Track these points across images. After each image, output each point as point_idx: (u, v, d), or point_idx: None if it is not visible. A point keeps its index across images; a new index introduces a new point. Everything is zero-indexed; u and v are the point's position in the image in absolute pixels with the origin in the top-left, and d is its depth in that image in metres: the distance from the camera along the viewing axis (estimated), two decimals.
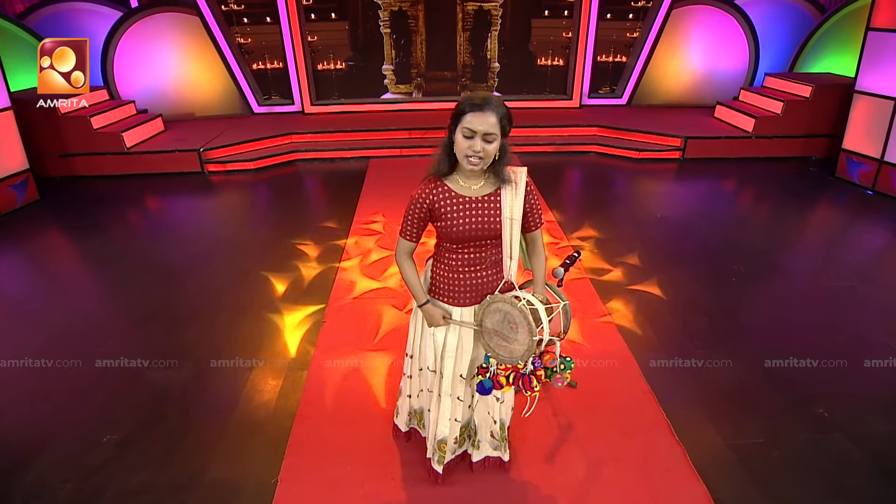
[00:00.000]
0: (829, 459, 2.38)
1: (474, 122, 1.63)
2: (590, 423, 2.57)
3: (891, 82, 5.18)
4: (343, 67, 7.42)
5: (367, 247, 4.30)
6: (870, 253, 4.43)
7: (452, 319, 1.94)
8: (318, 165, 6.39)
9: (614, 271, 3.93)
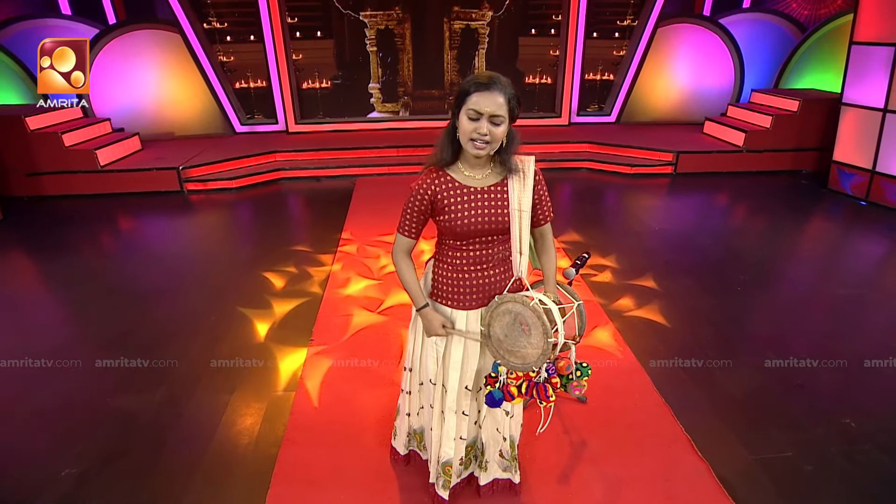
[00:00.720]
0: (865, 474, 2.19)
1: (480, 102, 1.47)
2: (604, 440, 2.35)
3: (876, 94, 5.23)
4: (328, 86, 7.33)
5: (354, 266, 4.08)
6: (870, 262, 4.36)
7: (454, 329, 1.74)
8: (303, 184, 6.20)
9: (617, 283, 3.77)
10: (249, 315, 3.38)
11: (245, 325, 3.28)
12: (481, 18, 7.18)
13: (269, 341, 3.11)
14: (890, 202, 5.23)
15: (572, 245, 4.39)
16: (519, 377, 1.73)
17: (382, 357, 2.94)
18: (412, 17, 7.05)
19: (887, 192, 5.24)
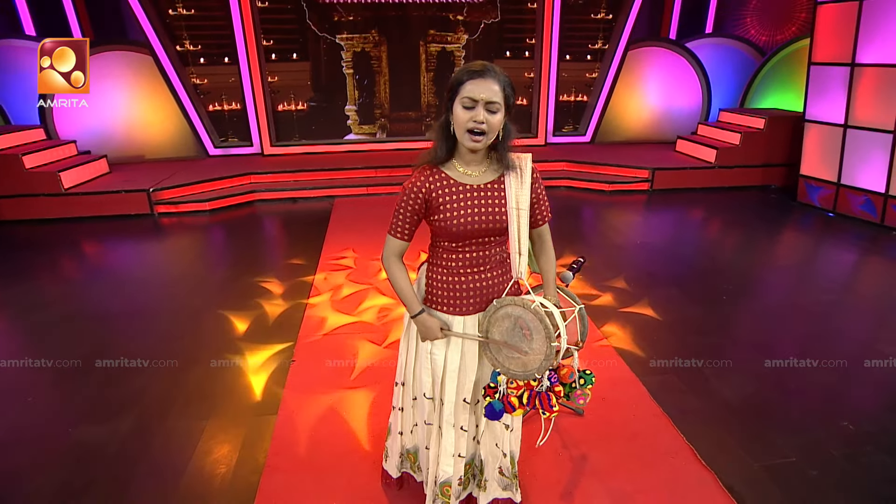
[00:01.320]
0: (869, 476, 2.15)
1: (475, 89, 1.41)
2: (605, 454, 2.25)
3: (836, 111, 5.45)
4: (304, 108, 7.27)
5: (337, 282, 3.95)
6: (843, 269, 4.47)
7: (452, 331, 1.65)
8: (280, 206, 6.06)
9: (604, 295, 3.74)
10: (226, 338, 3.20)
11: (220, 348, 3.09)
12: (457, 41, 7.29)
13: (248, 364, 2.93)
14: (855, 213, 5.40)
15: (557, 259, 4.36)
16: (520, 387, 1.63)
17: (371, 378, 2.80)
18: (388, 41, 7.10)
19: (853, 204, 5.42)
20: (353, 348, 3.07)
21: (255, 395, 2.67)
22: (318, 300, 3.67)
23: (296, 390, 2.68)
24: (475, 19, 7.18)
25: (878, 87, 5.06)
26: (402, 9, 6.94)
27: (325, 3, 6.74)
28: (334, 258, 4.38)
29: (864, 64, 5.15)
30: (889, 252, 4.66)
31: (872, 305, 3.74)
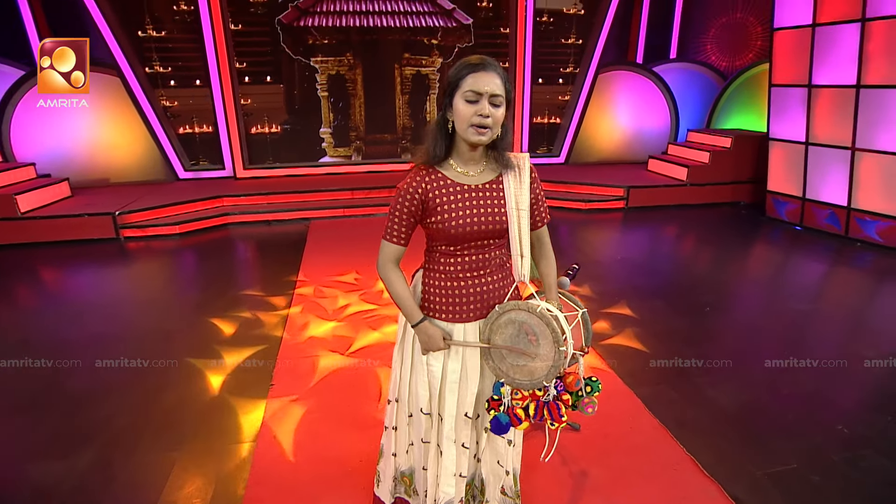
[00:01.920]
0: (872, 481, 2.13)
1: (478, 82, 1.36)
2: (606, 469, 2.17)
3: (798, 129, 5.69)
4: (278, 131, 7.17)
5: (318, 302, 3.81)
6: (813, 279, 4.59)
7: (455, 341, 1.56)
8: (254, 229, 5.88)
9: (592, 310, 3.69)
10: (198, 364, 3.01)
11: (193, 374, 2.90)
12: (431, 65, 7.37)
13: (223, 390, 2.75)
14: (821, 226, 5.58)
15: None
16: (525, 397, 1.55)
17: (357, 399, 2.66)
18: (363, 63, 7.12)
19: (818, 217, 5.61)
20: (336, 372, 2.93)
21: (231, 421, 2.49)
22: (296, 315, 3.52)
23: (276, 414, 2.52)
24: (449, 43, 7.29)
25: (833, 106, 5.31)
26: (377, 32, 6.99)
27: (300, 26, 6.74)
28: (309, 282, 4.24)
29: (819, 85, 5.40)
30: (854, 262, 4.82)
31: (845, 312, 3.85)
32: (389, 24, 6.98)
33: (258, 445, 2.29)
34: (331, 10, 6.77)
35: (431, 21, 7.14)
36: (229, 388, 2.76)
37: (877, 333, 3.49)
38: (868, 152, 5.10)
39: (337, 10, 6.77)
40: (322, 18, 6.76)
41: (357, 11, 6.84)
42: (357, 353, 3.09)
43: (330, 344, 3.20)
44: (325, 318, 3.54)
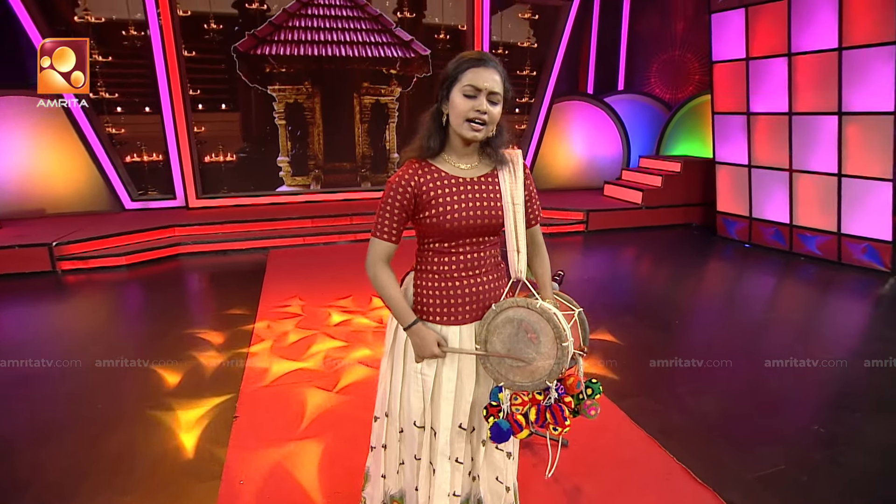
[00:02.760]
0: (855, 477, 2.16)
1: (477, 78, 1.33)
2: (599, 483, 2.10)
3: (740, 153, 6.06)
4: (233, 159, 6.95)
5: (280, 330, 3.60)
6: (765, 292, 4.80)
7: (449, 347, 1.47)
8: (208, 259, 5.59)
9: None
10: (153, 397, 2.74)
11: (147, 408, 2.64)
12: (390, 94, 7.42)
13: (181, 423, 2.51)
14: (768, 242, 5.90)
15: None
16: (525, 402, 1.47)
17: (324, 427, 2.48)
18: (322, 92, 7.08)
19: (765, 235, 5.92)
20: (301, 397, 2.74)
21: (192, 458, 2.26)
22: (259, 349, 3.30)
23: (241, 449, 2.31)
24: (408, 73, 7.39)
25: (770, 131, 5.71)
26: (335, 62, 7.00)
27: (257, 55, 6.66)
28: (276, 307, 4.02)
29: (756, 112, 5.81)
30: (799, 275, 5.09)
31: (796, 320, 4.06)
32: (348, 53, 7.01)
33: (222, 483, 2.07)
34: (289, 39, 6.74)
35: (390, 52, 7.23)
36: (189, 420, 2.52)
37: (826, 338, 3.69)
38: (803, 173, 5.48)
39: (295, 39, 6.75)
40: (280, 47, 6.71)
41: (315, 41, 6.84)
42: (345, 391, 2.92)
43: (301, 379, 3.01)
44: (291, 345, 3.35)
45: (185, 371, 3.02)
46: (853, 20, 4.88)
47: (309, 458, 2.24)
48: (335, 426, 2.48)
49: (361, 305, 4.06)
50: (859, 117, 4.98)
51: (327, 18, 6.85)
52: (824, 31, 5.07)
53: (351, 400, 2.72)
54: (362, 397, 2.72)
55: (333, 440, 2.37)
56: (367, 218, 6.61)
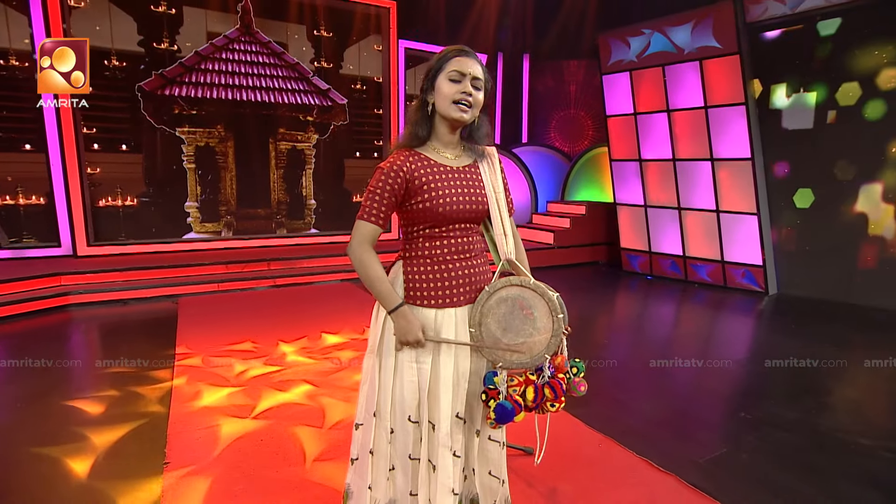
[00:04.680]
0: (784, 452, 2.41)
1: (462, 64, 1.43)
2: (572, 483, 2.12)
3: (637, 195, 6.79)
4: (134, 204, 6.39)
5: (205, 375, 3.27)
6: (669, 316, 5.30)
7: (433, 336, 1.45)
8: (105, 309, 4.97)
9: None
10: (51, 453, 2.32)
11: (47, 466, 2.22)
12: (307, 140, 7.39)
13: (95, 479, 2.14)
14: (667, 273, 6.56)
15: None
16: (520, 383, 1.49)
17: (274, 462, 2.26)
18: (236, 136, 6.87)
19: (663, 266, 6.59)
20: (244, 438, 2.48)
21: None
22: (182, 385, 2.95)
23: (179, 495, 2.01)
24: (325, 121, 7.45)
25: (660, 175, 6.50)
26: (250, 107, 6.88)
27: (164, 95, 6.35)
28: (193, 353, 3.65)
29: (647, 159, 6.61)
30: (695, 299, 5.69)
31: (700, 335, 4.54)
32: (264, 99, 6.94)
33: None
34: (201, 82, 6.53)
35: (307, 99, 7.27)
36: (105, 474, 2.15)
37: (727, 346, 4.20)
38: (689, 210, 6.26)
39: (208, 81, 6.56)
40: (191, 89, 6.47)
41: (230, 85, 6.70)
42: (263, 415, 2.67)
43: (230, 410, 2.73)
44: (221, 385, 3.04)
45: (94, 416, 2.60)
46: (713, 84, 5.84)
47: (254, 486, 2.01)
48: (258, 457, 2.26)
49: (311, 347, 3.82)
50: (726, 162, 5.86)
51: (243, 63, 6.77)
52: (693, 92, 6.00)
53: (281, 427, 2.51)
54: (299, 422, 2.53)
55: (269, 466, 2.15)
56: (287, 263, 6.36)
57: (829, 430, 2.62)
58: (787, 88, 5.58)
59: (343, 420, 2.62)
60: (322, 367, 3.36)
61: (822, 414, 2.82)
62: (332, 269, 6.40)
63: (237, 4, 6.63)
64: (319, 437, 2.46)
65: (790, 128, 5.60)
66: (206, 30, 6.52)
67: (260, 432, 2.50)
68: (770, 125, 5.70)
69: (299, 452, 2.33)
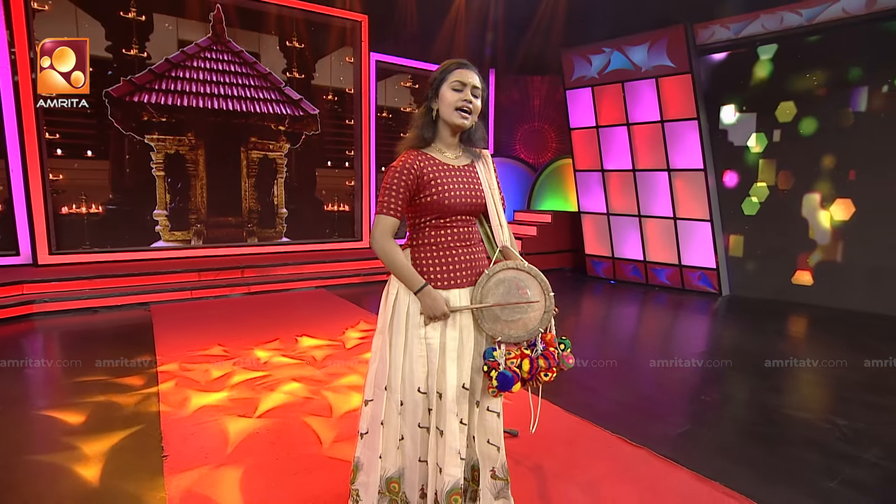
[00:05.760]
0: (738, 426, 2.71)
1: (464, 75, 1.62)
2: (556, 459, 2.32)
3: (599, 203, 7.16)
4: (100, 212, 6.25)
5: (189, 379, 3.29)
6: (632, 317, 5.61)
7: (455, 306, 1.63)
8: (73, 318, 4.85)
9: None
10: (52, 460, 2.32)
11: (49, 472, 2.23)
12: (279, 150, 7.42)
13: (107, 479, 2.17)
14: (629, 278, 6.92)
15: None
16: (517, 356, 1.67)
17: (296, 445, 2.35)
18: (206, 145, 6.84)
19: (626, 271, 6.95)
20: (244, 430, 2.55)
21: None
22: (170, 390, 2.98)
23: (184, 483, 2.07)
24: (297, 130, 7.51)
25: (621, 185, 6.89)
26: (222, 115, 6.87)
27: (132, 101, 6.28)
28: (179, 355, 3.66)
29: (609, 169, 6.99)
30: (655, 302, 6.04)
31: (663, 333, 4.86)
32: (236, 108, 6.95)
33: None
34: (171, 89, 6.49)
35: (279, 108, 7.32)
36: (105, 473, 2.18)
37: (687, 342, 4.51)
38: (649, 218, 6.66)
39: (178, 89, 6.53)
40: (161, 96, 6.42)
41: (201, 93, 6.69)
42: (268, 414, 2.74)
43: (231, 410, 2.78)
44: (210, 390, 3.07)
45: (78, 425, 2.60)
46: (668, 100, 6.29)
47: (267, 474, 2.10)
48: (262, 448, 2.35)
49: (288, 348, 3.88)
50: (682, 173, 6.30)
51: (214, 72, 6.78)
52: (650, 107, 6.43)
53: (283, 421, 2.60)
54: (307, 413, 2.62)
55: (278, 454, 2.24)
56: (260, 270, 6.35)
57: (777, 408, 2.92)
58: (733, 106, 6.08)
59: (354, 409, 2.74)
60: (310, 372, 3.43)
61: (771, 395, 3.13)
62: (307, 277, 6.44)
63: (209, 13, 6.66)
64: (331, 424, 2.58)
65: (736, 143, 6.08)
66: (178, 38, 6.51)
67: (271, 426, 2.57)
68: (720, 139, 6.17)
69: (315, 438, 2.43)
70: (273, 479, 2.10)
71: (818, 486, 2.13)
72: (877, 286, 5.26)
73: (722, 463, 2.29)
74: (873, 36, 5.11)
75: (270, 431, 2.52)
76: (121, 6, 6.09)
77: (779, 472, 2.24)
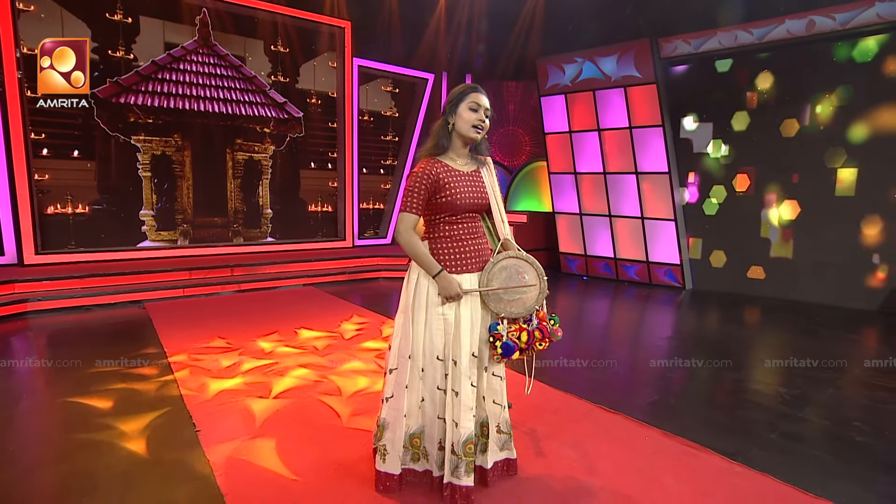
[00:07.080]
0: (699, 395, 3.11)
1: (479, 98, 1.96)
2: (547, 425, 2.65)
3: (573, 204, 7.60)
4: (86, 212, 6.30)
5: (202, 368, 3.50)
6: (604, 311, 6.04)
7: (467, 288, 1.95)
8: (67, 316, 4.94)
9: None
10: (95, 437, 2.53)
11: (93, 449, 2.43)
12: (264, 151, 7.58)
13: (154, 452, 2.39)
14: (601, 274, 7.38)
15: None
16: (516, 329, 2.00)
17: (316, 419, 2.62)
18: (192, 146, 6.95)
19: (598, 268, 7.41)
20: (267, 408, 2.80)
21: (163, 468, 2.20)
22: (186, 377, 3.19)
23: (224, 449, 2.32)
24: (281, 132, 7.68)
25: (593, 186, 7.34)
26: (208, 117, 7.00)
27: (119, 103, 6.35)
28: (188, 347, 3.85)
29: (581, 172, 7.44)
30: (625, 296, 6.49)
31: (629, 321, 5.29)
32: (222, 110, 7.08)
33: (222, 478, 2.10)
34: (158, 91, 6.59)
35: (264, 111, 7.49)
36: (148, 446, 2.41)
37: (651, 328, 4.95)
38: (619, 217, 7.13)
39: (165, 91, 6.63)
40: (147, 97, 6.52)
41: (188, 95, 6.80)
42: (284, 395, 2.99)
43: (250, 392, 3.02)
44: (224, 377, 3.30)
45: (106, 409, 2.80)
46: (635, 108, 6.77)
47: (311, 435, 2.36)
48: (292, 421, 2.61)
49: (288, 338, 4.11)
50: (649, 176, 6.79)
51: (200, 75, 6.90)
52: (619, 114, 6.90)
53: (304, 399, 2.86)
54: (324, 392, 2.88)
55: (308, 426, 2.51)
56: (249, 269, 6.52)
57: (733, 381, 3.35)
58: (694, 115, 6.60)
59: (362, 390, 3.01)
60: (314, 359, 3.68)
61: (727, 371, 3.56)
62: (295, 275, 6.64)
63: (195, 17, 6.79)
64: (345, 402, 2.87)
65: (696, 149, 6.60)
66: (164, 40, 6.62)
67: (289, 405, 2.83)
68: (683, 144, 6.69)
69: (333, 413, 2.71)
70: (304, 447, 2.37)
71: (762, 438, 2.54)
72: (820, 279, 5.84)
73: (688, 422, 2.68)
74: (814, 55, 5.69)
75: (290, 409, 2.78)
76: (107, 8, 6.17)
77: (730, 429, 2.65)
